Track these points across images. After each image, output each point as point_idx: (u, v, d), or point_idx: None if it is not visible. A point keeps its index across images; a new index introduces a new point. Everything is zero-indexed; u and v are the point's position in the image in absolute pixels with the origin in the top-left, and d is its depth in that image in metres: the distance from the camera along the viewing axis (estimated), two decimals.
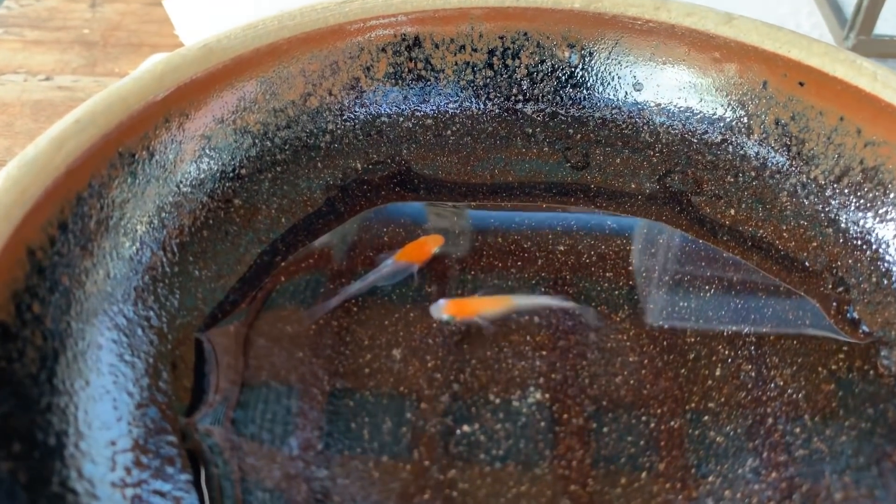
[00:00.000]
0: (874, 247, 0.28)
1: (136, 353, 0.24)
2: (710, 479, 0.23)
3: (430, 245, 0.28)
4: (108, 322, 0.24)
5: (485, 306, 0.27)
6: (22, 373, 0.21)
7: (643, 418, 0.24)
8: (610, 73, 0.33)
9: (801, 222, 0.29)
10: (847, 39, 0.44)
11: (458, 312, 0.27)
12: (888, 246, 0.28)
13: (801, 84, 0.30)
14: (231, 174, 0.29)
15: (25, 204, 0.23)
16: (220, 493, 0.22)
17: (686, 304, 0.28)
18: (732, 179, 0.31)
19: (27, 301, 0.22)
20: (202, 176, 0.28)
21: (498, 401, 0.25)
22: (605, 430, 0.24)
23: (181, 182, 0.27)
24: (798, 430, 0.24)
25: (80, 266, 0.24)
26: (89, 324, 0.23)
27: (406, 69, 0.32)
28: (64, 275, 0.23)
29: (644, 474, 0.23)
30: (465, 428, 0.24)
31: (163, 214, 0.27)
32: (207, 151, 0.28)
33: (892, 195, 0.28)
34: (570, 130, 0.33)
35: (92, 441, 0.21)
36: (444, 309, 0.26)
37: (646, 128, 0.33)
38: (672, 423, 0.24)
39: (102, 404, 0.22)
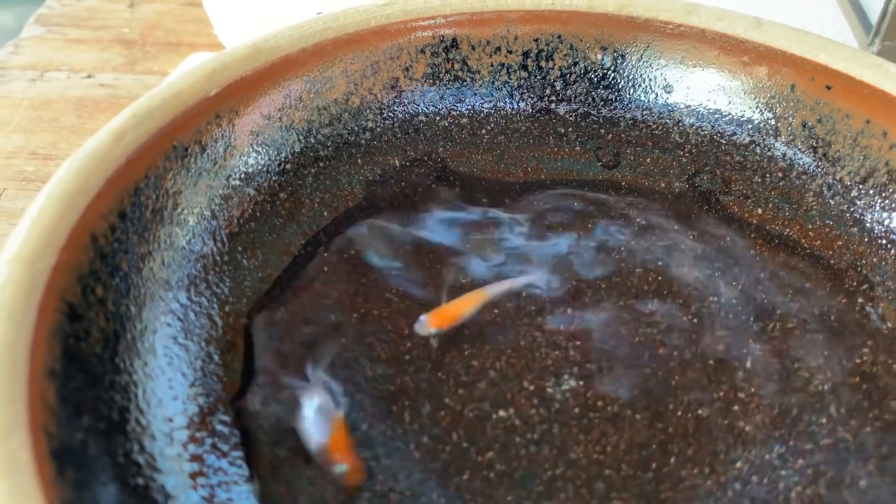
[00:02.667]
0: None
1: (190, 337, 0.25)
2: (738, 464, 0.24)
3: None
4: (164, 307, 0.25)
5: (464, 308, 0.27)
6: (88, 351, 0.22)
7: (672, 407, 0.25)
8: (641, 76, 0.34)
9: (827, 222, 0.30)
10: (872, 45, 0.44)
11: (443, 323, 0.27)
12: None
13: (829, 87, 0.31)
14: (277, 169, 0.30)
15: (89, 193, 0.24)
16: (271, 470, 0.23)
17: (715, 299, 0.29)
18: (760, 180, 0.32)
19: (91, 284, 0.23)
20: (250, 170, 0.29)
21: (532, 387, 0.26)
22: (637, 416, 0.25)
23: (231, 175, 0.29)
24: (824, 420, 0.25)
25: (138, 253, 0.25)
26: (147, 308, 0.25)
27: (443, 70, 0.33)
28: (123, 261, 0.24)
29: (673, 459, 0.24)
30: (501, 413, 0.25)
31: (213, 206, 0.28)
32: (255, 146, 0.29)
33: None
34: (602, 130, 0.34)
35: (151, 417, 0.23)
36: (428, 324, 0.27)
37: (676, 129, 0.34)
38: (700, 411, 0.25)
39: (159, 383, 0.24)
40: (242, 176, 0.29)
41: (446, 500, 0.23)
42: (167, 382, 0.24)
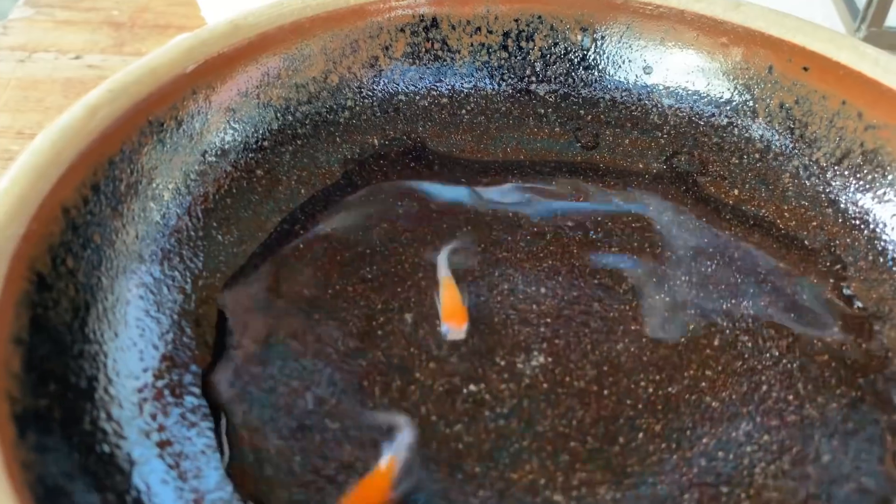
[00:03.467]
0: (871, 227, 0.29)
1: (162, 310, 0.25)
2: (705, 440, 0.24)
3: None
4: (137, 280, 0.25)
5: (456, 295, 0.28)
6: (57, 320, 0.22)
7: (642, 383, 0.26)
8: (621, 57, 0.34)
9: (803, 203, 0.30)
10: (858, 31, 0.44)
11: (462, 321, 0.27)
12: (885, 226, 0.29)
13: (806, 69, 0.31)
14: (254, 146, 0.30)
15: (61, 165, 0.24)
16: (239, 441, 0.23)
17: (688, 278, 0.29)
18: (737, 161, 0.32)
19: (62, 255, 0.23)
20: (227, 146, 0.29)
21: (503, 363, 0.26)
22: (605, 392, 0.25)
23: (206, 151, 0.29)
24: (791, 397, 0.25)
25: (111, 226, 0.25)
26: (119, 280, 0.25)
27: (423, 49, 0.33)
28: (96, 233, 0.25)
29: (641, 434, 0.24)
30: (472, 387, 0.25)
31: (189, 181, 0.28)
32: (232, 123, 0.29)
33: (890, 177, 0.29)
34: (581, 111, 0.34)
35: (120, 387, 0.23)
36: (451, 329, 0.27)
37: (655, 110, 0.34)
38: (670, 388, 0.25)
39: (130, 355, 0.24)
40: (219, 152, 0.29)
41: (414, 470, 0.23)
42: (138, 354, 0.24)
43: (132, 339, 0.24)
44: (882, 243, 0.28)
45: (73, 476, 0.19)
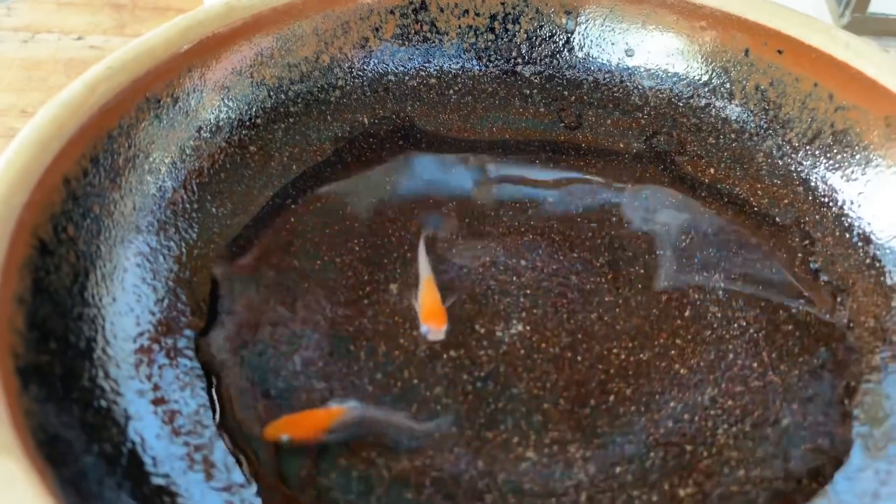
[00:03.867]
0: (839, 204, 0.30)
1: (158, 278, 0.27)
2: (672, 404, 0.25)
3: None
4: (134, 248, 0.27)
5: (436, 296, 0.28)
6: (58, 284, 0.23)
7: (615, 350, 0.27)
8: (604, 39, 0.35)
9: (775, 181, 0.32)
10: (843, 17, 0.45)
11: (441, 322, 0.27)
12: (852, 203, 0.30)
13: (780, 52, 0.32)
14: (248, 123, 0.31)
15: (62, 138, 0.25)
16: (230, 400, 0.25)
17: (663, 252, 0.30)
18: (714, 141, 0.33)
19: (63, 223, 0.24)
20: (221, 123, 0.30)
21: (483, 330, 0.27)
22: (578, 358, 0.26)
23: (202, 127, 0.30)
24: (756, 364, 0.26)
25: (110, 197, 0.26)
26: (117, 249, 0.26)
27: (413, 31, 0.35)
28: (95, 204, 0.26)
29: (612, 398, 0.25)
30: (452, 353, 0.26)
31: (184, 156, 0.29)
32: (226, 101, 0.31)
33: (857, 156, 0.30)
34: (565, 92, 0.35)
35: (117, 349, 0.24)
36: (431, 330, 0.27)
37: (636, 91, 0.35)
38: (641, 355, 0.27)
39: (127, 319, 0.25)
40: (213, 128, 0.30)
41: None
42: (135, 318, 0.25)
43: (129, 305, 0.25)
44: (848, 220, 0.30)
45: (72, 426, 0.21)
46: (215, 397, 0.25)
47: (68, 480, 0.19)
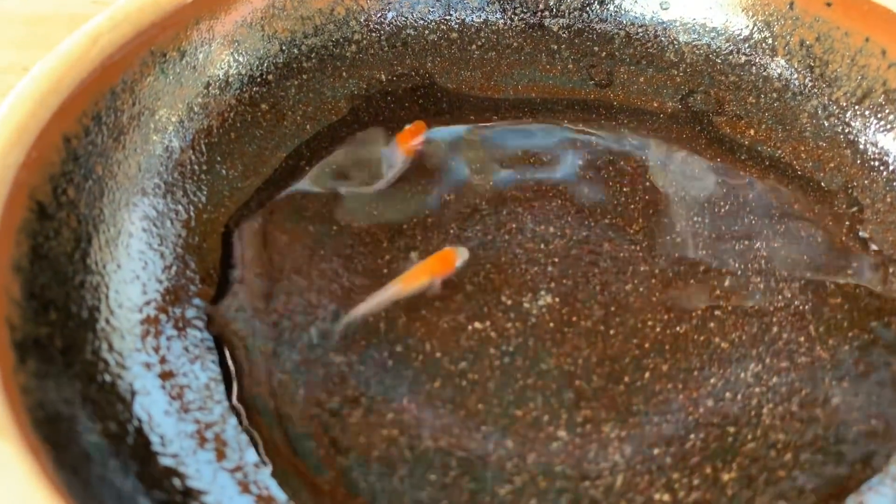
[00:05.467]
0: (891, 168, 0.28)
1: (165, 244, 0.25)
2: (712, 381, 0.24)
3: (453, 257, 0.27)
4: (140, 212, 0.25)
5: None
6: (58, 250, 0.22)
7: (650, 323, 0.25)
8: None
9: (820, 143, 0.30)
10: None
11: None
12: None
13: (828, 4, 0.29)
14: (258, 79, 0.29)
15: (61, 93, 0.24)
16: (242, 374, 0.23)
17: (700, 219, 0.28)
18: (754, 100, 0.31)
19: (62, 185, 0.23)
20: (230, 79, 0.29)
21: (509, 302, 0.26)
22: (612, 332, 0.25)
23: (210, 84, 0.28)
24: (802, 339, 0.25)
25: (113, 157, 0.25)
26: (121, 212, 0.25)
27: None
28: (98, 164, 0.24)
29: (647, 374, 0.24)
30: (477, 325, 0.25)
31: (192, 114, 0.27)
32: (236, 55, 0.29)
33: None
34: (596, 48, 0.33)
35: (122, 319, 0.23)
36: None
37: (671, 47, 0.33)
38: (678, 328, 0.25)
39: (133, 287, 0.24)
40: (222, 84, 0.28)
41: (416, 406, 0.23)
42: (141, 286, 0.24)
43: (135, 272, 0.24)
44: None
45: (73, 403, 0.19)
46: (228, 371, 0.23)
47: (69, 463, 0.17)
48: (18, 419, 0.17)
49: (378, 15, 0.32)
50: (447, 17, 0.33)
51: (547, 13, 0.33)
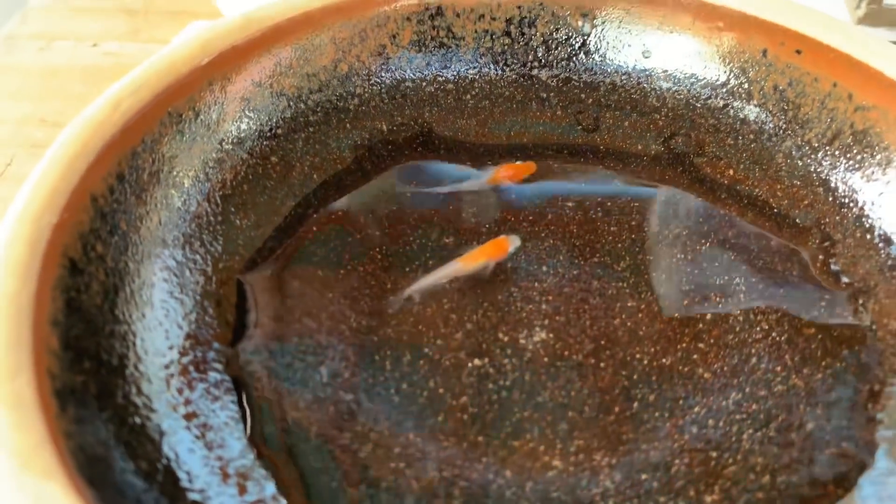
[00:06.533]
0: (860, 205, 0.30)
1: (185, 292, 0.27)
2: (696, 409, 0.26)
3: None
4: (161, 263, 0.27)
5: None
6: (89, 303, 0.24)
7: (637, 356, 0.27)
8: (620, 41, 0.35)
9: (795, 182, 0.32)
10: (859, 8, 0.45)
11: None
12: (872, 204, 0.30)
13: (798, 52, 0.32)
14: (268, 133, 0.31)
15: (88, 156, 0.26)
16: (260, 412, 0.25)
17: (683, 256, 0.30)
18: (732, 142, 0.33)
19: (91, 242, 0.25)
20: (242, 135, 0.31)
21: (506, 339, 0.27)
22: (602, 365, 0.27)
23: (223, 140, 0.30)
24: (779, 368, 0.27)
25: (136, 213, 0.27)
26: (144, 264, 0.26)
27: (429, 37, 0.35)
28: (122, 220, 0.26)
29: (636, 404, 0.26)
30: (476, 361, 0.27)
31: (207, 169, 0.29)
32: (247, 112, 0.31)
33: (878, 157, 0.30)
34: (583, 95, 0.35)
35: (148, 364, 0.25)
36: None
37: (653, 93, 0.35)
38: (664, 360, 0.27)
39: (156, 334, 0.25)
40: (235, 140, 0.30)
41: (422, 440, 0.25)
42: (164, 333, 0.26)
43: (158, 319, 0.26)
44: (869, 220, 0.30)
45: (108, 445, 0.21)
46: (246, 410, 0.25)
47: (109, 501, 0.19)
48: (64, 462, 0.18)
49: (378, 70, 0.34)
50: (443, 71, 0.35)
51: (536, 64, 0.35)
